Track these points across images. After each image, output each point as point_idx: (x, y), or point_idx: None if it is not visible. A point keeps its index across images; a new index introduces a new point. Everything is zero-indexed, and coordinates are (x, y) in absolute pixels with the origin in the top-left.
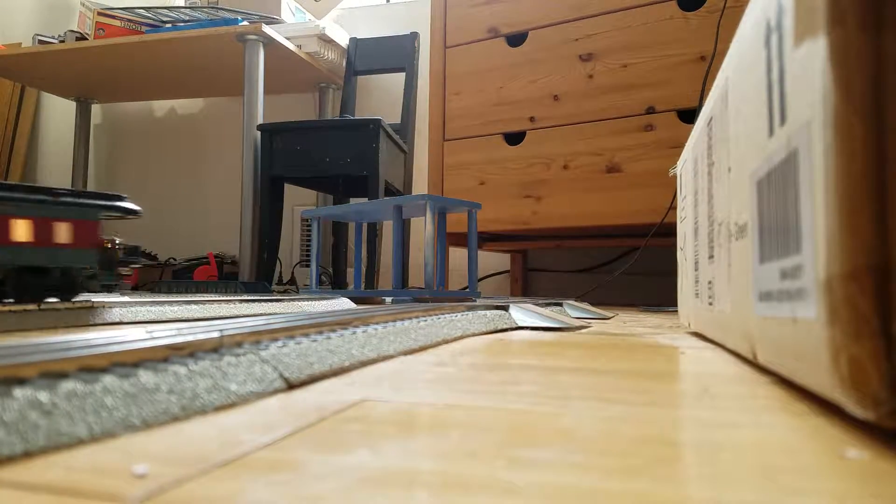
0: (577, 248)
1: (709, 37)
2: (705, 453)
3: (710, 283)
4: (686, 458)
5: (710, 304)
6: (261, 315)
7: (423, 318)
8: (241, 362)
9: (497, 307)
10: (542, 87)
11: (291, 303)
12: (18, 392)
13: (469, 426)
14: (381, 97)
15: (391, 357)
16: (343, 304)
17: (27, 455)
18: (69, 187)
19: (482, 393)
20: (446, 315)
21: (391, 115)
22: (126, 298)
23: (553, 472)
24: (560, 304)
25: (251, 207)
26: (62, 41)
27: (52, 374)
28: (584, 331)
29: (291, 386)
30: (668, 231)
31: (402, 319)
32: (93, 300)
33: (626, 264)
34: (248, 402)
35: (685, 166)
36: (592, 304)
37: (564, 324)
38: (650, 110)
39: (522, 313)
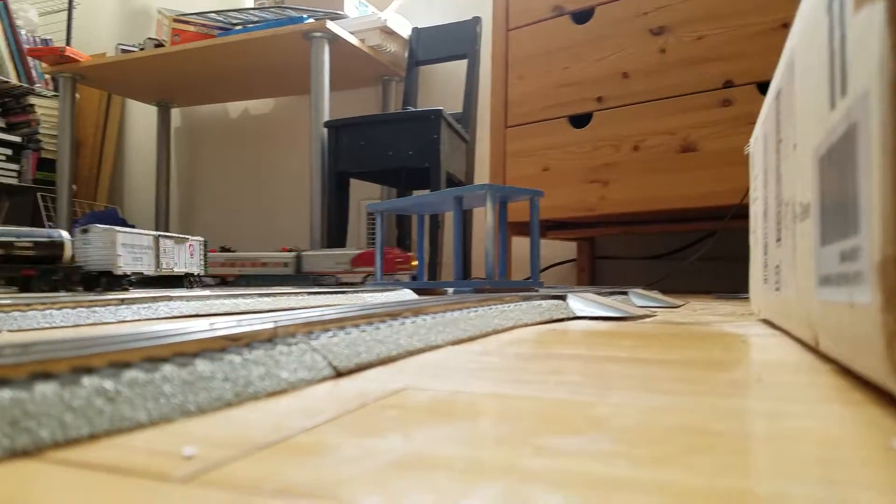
0: (647, 234)
1: (791, 1)
2: (741, 443)
3: (777, 267)
4: (720, 447)
5: (777, 289)
6: (324, 306)
7: (475, 309)
8: (293, 351)
9: (554, 297)
10: (610, 64)
11: (356, 295)
12: (86, 380)
13: (502, 414)
14: (443, 86)
15: (439, 347)
16: (405, 295)
17: (92, 437)
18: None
19: (523, 382)
20: (498, 306)
21: (453, 104)
22: (207, 292)
23: (577, 459)
24: (625, 293)
25: (320, 203)
26: (142, 49)
27: (118, 364)
28: (646, 320)
29: (339, 374)
30: (747, 213)
31: (453, 310)
32: (171, 294)
33: (701, 249)
34: (298, 388)
35: (756, 144)
36: (663, 293)
37: (625, 313)
38: (728, 84)
39: (581, 303)
